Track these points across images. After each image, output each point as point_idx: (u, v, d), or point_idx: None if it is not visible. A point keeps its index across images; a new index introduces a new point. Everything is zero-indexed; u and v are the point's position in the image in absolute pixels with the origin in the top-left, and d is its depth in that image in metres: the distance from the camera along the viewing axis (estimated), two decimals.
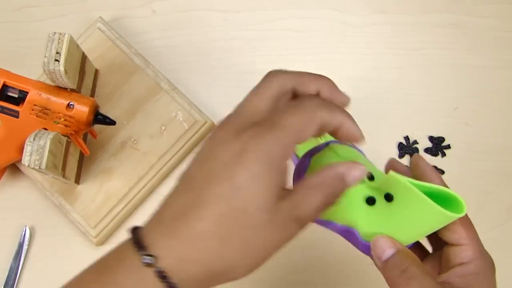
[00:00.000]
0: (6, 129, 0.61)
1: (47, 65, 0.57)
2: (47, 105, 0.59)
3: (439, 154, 0.68)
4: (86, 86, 0.66)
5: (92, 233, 0.64)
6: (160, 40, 0.73)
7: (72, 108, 0.59)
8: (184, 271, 0.32)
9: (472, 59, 0.72)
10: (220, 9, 0.74)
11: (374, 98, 0.70)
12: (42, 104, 0.59)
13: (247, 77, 0.71)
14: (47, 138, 0.55)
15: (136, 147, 0.67)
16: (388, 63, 0.72)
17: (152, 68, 0.70)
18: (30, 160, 0.55)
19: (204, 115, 0.68)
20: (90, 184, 0.66)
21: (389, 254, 0.37)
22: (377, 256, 0.37)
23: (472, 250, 0.38)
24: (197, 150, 0.36)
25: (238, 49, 0.72)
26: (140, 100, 0.69)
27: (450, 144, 0.69)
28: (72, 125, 0.60)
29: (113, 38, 0.70)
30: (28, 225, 0.66)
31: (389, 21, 0.73)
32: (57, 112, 0.59)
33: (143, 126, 0.68)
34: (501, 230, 0.66)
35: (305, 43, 0.73)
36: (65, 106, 0.59)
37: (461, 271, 0.37)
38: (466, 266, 0.37)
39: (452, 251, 0.38)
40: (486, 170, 0.68)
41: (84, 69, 0.65)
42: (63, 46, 0.58)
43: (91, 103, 0.60)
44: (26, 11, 0.75)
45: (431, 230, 0.38)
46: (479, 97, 0.70)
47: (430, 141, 0.68)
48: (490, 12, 0.73)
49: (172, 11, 0.74)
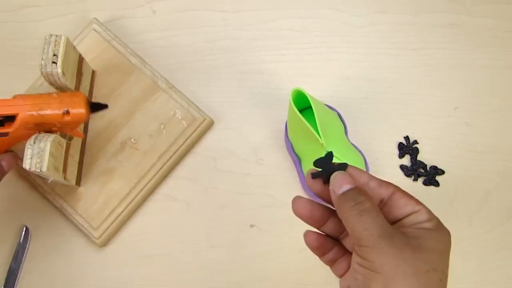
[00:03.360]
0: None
1: (44, 68, 0.57)
2: (41, 121, 0.55)
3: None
4: (84, 88, 0.66)
5: (95, 235, 0.65)
6: (160, 40, 0.73)
7: (68, 113, 0.56)
8: None
9: (472, 59, 0.72)
10: (220, 9, 0.74)
11: (374, 98, 0.70)
12: (36, 122, 0.55)
13: (247, 77, 0.71)
14: (47, 141, 0.55)
15: (136, 147, 0.67)
16: (388, 63, 0.72)
17: (149, 67, 0.70)
18: (31, 163, 0.55)
19: (202, 112, 0.68)
20: (91, 186, 0.66)
21: (346, 188, 0.38)
22: (335, 189, 0.38)
23: (427, 214, 0.39)
24: None
25: (238, 49, 0.72)
26: (138, 99, 0.69)
27: (450, 144, 0.69)
28: (69, 127, 0.58)
29: (109, 39, 0.70)
30: (28, 225, 0.66)
31: (389, 21, 0.73)
32: (53, 123, 0.56)
33: (142, 125, 0.68)
34: (501, 230, 0.66)
35: (305, 43, 0.73)
36: (61, 116, 0.56)
37: (417, 225, 0.38)
38: (421, 223, 0.38)
39: (408, 219, 0.39)
40: (486, 170, 0.68)
41: (81, 71, 0.65)
42: (60, 48, 0.57)
43: (84, 100, 0.57)
44: (26, 11, 0.75)
45: None
46: (479, 97, 0.70)
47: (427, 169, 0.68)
48: (490, 12, 0.73)
49: (172, 11, 0.74)
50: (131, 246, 0.66)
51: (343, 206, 0.37)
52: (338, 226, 0.42)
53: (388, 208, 0.40)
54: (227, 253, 0.66)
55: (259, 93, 0.71)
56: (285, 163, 0.68)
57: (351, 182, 0.38)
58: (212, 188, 0.68)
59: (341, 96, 0.70)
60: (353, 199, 0.37)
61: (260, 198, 0.67)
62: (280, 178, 0.68)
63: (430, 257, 0.36)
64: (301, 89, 0.59)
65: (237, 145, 0.69)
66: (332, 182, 0.39)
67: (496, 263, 0.65)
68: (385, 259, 0.35)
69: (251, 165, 0.68)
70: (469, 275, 0.64)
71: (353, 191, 0.38)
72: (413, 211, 0.39)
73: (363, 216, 0.36)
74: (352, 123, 0.68)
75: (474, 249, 0.65)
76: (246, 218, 0.67)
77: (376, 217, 0.36)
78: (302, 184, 0.67)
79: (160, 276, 0.65)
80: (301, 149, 0.64)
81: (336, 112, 0.68)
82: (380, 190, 0.40)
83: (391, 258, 0.35)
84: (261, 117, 0.70)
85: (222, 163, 0.69)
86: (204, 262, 0.66)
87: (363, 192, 0.38)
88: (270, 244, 0.66)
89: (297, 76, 0.71)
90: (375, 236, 0.35)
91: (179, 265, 0.66)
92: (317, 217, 0.42)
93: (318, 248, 0.43)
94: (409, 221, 0.39)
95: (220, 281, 0.65)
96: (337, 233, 0.43)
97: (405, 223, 0.39)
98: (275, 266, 0.65)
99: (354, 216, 0.36)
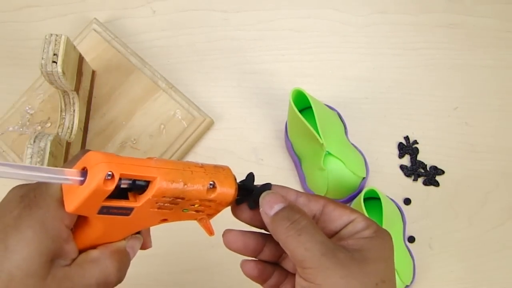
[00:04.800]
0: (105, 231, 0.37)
1: (44, 67, 0.57)
2: (180, 195, 0.38)
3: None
4: (84, 88, 0.66)
5: None
6: (160, 40, 0.73)
7: (213, 188, 0.39)
8: None
9: (472, 59, 0.72)
10: (220, 9, 0.74)
11: (374, 98, 0.70)
12: (175, 195, 0.37)
13: (247, 77, 0.71)
14: (47, 140, 0.55)
15: (136, 146, 0.67)
16: (388, 63, 0.72)
17: (149, 67, 0.70)
18: (31, 162, 0.54)
19: (202, 112, 0.68)
20: None
21: (278, 208, 0.35)
22: (266, 211, 0.36)
23: (364, 221, 0.36)
24: None
25: (238, 49, 0.72)
26: (138, 99, 0.69)
27: (450, 144, 0.69)
28: (208, 209, 0.41)
29: (108, 39, 0.70)
30: None
31: (389, 21, 0.73)
32: (193, 200, 0.39)
33: (142, 125, 0.68)
34: (501, 230, 0.66)
35: (305, 43, 0.73)
36: (205, 191, 0.38)
37: (355, 235, 0.36)
38: (360, 233, 0.36)
39: (345, 230, 0.36)
40: (486, 170, 0.68)
41: (81, 71, 0.65)
42: (60, 48, 0.58)
43: (233, 177, 0.41)
44: (26, 11, 0.75)
45: None
46: (479, 97, 0.70)
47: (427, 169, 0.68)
48: (490, 12, 0.73)
49: (172, 11, 0.74)
50: None
51: (278, 228, 0.34)
52: (275, 250, 0.39)
53: (322, 223, 0.37)
54: (227, 253, 0.66)
55: (259, 93, 0.71)
56: (285, 163, 0.68)
57: (282, 200, 0.36)
58: None
59: (341, 96, 0.70)
60: (288, 218, 0.34)
61: None
62: (280, 178, 0.68)
63: (376, 268, 0.34)
64: (301, 89, 0.59)
65: (237, 145, 0.69)
66: (262, 203, 0.36)
67: (496, 263, 0.65)
68: (333, 279, 0.32)
69: (251, 165, 0.68)
70: (469, 275, 0.64)
71: (286, 209, 0.35)
72: (349, 220, 0.36)
73: (301, 235, 0.33)
74: (352, 123, 0.68)
75: (474, 249, 0.65)
76: None
77: (315, 234, 0.34)
78: (302, 184, 0.66)
79: (160, 276, 0.65)
80: (301, 149, 0.64)
81: (336, 112, 0.68)
82: (310, 205, 0.37)
83: (338, 278, 0.32)
84: (261, 117, 0.70)
85: (222, 163, 0.68)
86: (204, 262, 0.66)
87: (297, 209, 0.35)
88: None
89: (297, 76, 0.71)
90: (317, 255, 0.33)
91: (179, 265, 0.66)
92: (252, 247, 0.39)
93: (259, 276, 0.39)
94: (347, 232, 0.36)
95: (220, 281, 0.65)
96: (275, 257, 0.40)
97: (343, 234, 0.36)
98: None
99: (292, 236, 0.33)
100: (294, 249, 0.33)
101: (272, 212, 0.35)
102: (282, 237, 0.34)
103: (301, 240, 0.33)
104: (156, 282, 0.65)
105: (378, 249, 0.35)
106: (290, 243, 0.34)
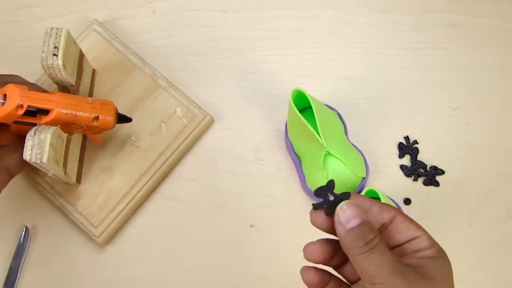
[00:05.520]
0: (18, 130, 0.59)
1: (45, 60, 0.57)
2: (72, 121, 0.58)
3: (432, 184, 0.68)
4: (84, 85, 0.66)
5: (95, 233, 0.64)
6: (160, 40, 0.73)
7: (98, 119, 0.59)
8: None
9: (472, 59, 0.72)
10: (220, 9, 0.74)
11: (374, 98, 0.70)
12: (68, 120, 0.57)
13: (247, 77, 0.71)
14: (47, 132, 0.55)
15: (136, 144, 0.68)
16: (388, 63, 0.72)
17: (149, 66, 0.70)
18: (31, 154, 0.54)
19: (202, 110, 0.68)
20: (91, 184, 0.66)
21: (355, 224, 0.37)
22: (342, 223, 0.37)
23: (428, 240, 0.38)
24: None
25: (238, 49, 0.72)
26: (139, 98, 0.69)
27: (450, 144, 0.69)
28: (93, 131, 0.61)
29: (109, 39, 0.70)
30: (28, 225, 0.66)
31: (389, 21, 0.73)
32: (82, 125, 0.59)
33: (142, 123, 0.68)
34: (501, 230, 0.66)
35: (305, 43, 0.73)
36: (91, 120, 0.59)
37: (418, 253, 0.38)
38: (423, 251, 0.38)
39: (409, 245, 0.38)
40: (486, 170, 0.68)
41: (82, 67, 0.65)
42: (61, 41, 0.58)
43: (114, 109, 0.61)
44: (26, 11, 0.75)
45: None
46: (479, 97, 0.70)
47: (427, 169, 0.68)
48: (490, 12, 0.73)
49: (172, 11, 0.74)
50: (131, 246, 0.66)
51: (352, 245, 0.36)
52: (341, 259, 0.41)
53: (389, 233, 0.39)
54: (227, 253, 0.66)
55: (259, 93, 0.71)
56: (285, 163, 0.68)
57: (359, 215, 0.37)
58: (212, 188, 0.68)
59: (341, 96, 0.70)
60: (363, 238, 0.36)
61: (260, 198, 0.67)
62: (280, 178, 0.68)
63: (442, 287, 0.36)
64: (301, 89, 0.59)
65: (237, 145, 0.69)
66: (339, 214, 0.38)
67: (496, 263, 0.65)
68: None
69: (251, 165, 0.68)
70: (469, 275, 0.64)
71: (362, 227, 0.37)
72: (414, 236, 0.38)
73: (373, 253, 0.35)
74: (352, 123, 0.68)
75: (474, 249, 0.65)
76: (246, 218, 0.67)
77: (386, 253, 0.36)
78: (302, 184, 0.67)
79: (160, 276, 0.65)
80: (301, 149, 0.64)
81: (336, 112, 0.68)
82: (382, 214, 0.39)
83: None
84: (261, 117, 0.70)
85: (222, 163, 0.69)
86: (204, 262, 0.66)
87: (372, 229, 0.37)
88: (270, 244, 0.66)
89: (297, 76, 0.71)
90: (387, 272, 0.35)
91: (179, 265, 0.66)
92: (328, 257, 0.41)
93: (318, 284, 0.41)
94: (410, 247, 0.38)
95: (220, 281, 0.65)
96: (338, 265, 0.42)
97: (406, 249, 0.38)
98: (275, 266, 0.65)
99: (365, 254, 0.36)
100: (365, 266, 0.36)
101: (348, 226, 0.37)
102: (355, 253, 0.36)
103: (372, 258, 0.35)
104: (156, 282, 0.65)
105: (441, 270, 0.37)
106: (361, 260, 0.36)
